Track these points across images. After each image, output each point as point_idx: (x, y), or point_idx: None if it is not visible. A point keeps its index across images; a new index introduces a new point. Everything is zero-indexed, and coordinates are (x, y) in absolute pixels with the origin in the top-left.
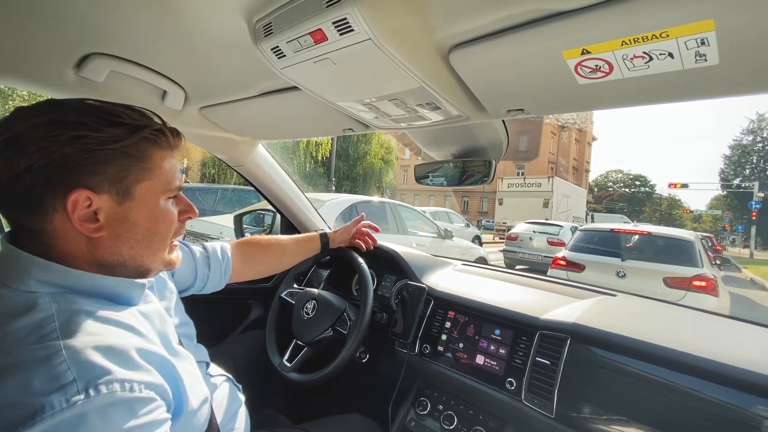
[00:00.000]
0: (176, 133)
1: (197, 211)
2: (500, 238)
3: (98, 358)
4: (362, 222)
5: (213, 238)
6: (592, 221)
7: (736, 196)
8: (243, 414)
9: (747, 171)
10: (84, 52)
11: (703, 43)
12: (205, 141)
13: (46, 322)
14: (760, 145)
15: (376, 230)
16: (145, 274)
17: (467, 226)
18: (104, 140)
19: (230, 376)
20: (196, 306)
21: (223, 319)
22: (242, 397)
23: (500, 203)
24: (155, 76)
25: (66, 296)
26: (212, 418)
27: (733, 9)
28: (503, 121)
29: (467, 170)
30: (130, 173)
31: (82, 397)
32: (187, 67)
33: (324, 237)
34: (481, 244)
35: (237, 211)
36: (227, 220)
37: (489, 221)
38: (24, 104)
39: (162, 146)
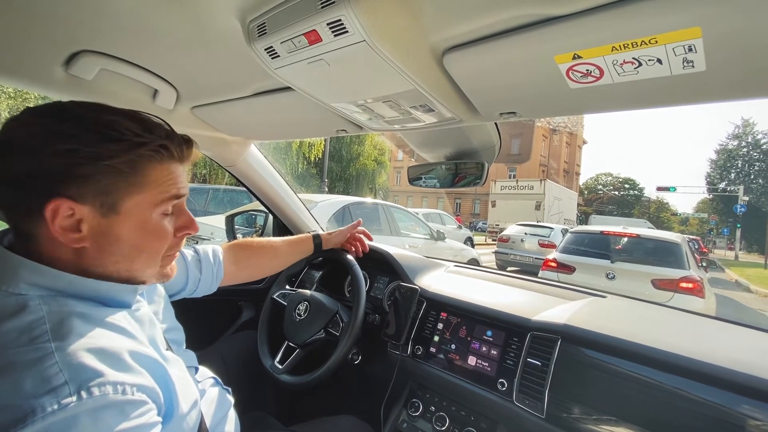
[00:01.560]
0: (187, 144)
1: (198, 226)
2: (493, 240)
3: (90, 360)
4: (358, 228)
5: (204, 239)
6: (582, 224)
7: (721, 200)
8: (232, 417)
9: (732, 175)
10: (73, 50)
11: (690, 49)
12: (197, 141)
13: (36, 324)
14: (745, 150)
15: (369, 238)
16: (136, 283)
17: (459, 227)
18: (96, 156)
19: (219, 378)
20: (186, 308)
21: (213, 321)
22: (231, 400)
23: (493, 205)
24: (146, 74)
25: (57, 299)
26: (201, 422)
27: (720, 17)
28: (496, 123)
29: (460, 172)
30: (119, 188)
31: (74, 399)
32: (180, 66)
33: (317, 238)
34: (473, 245)
35: (228, 211)
36: (218, 221)
37: (483, 223)
38: (10, 101)
39: (162, 161)
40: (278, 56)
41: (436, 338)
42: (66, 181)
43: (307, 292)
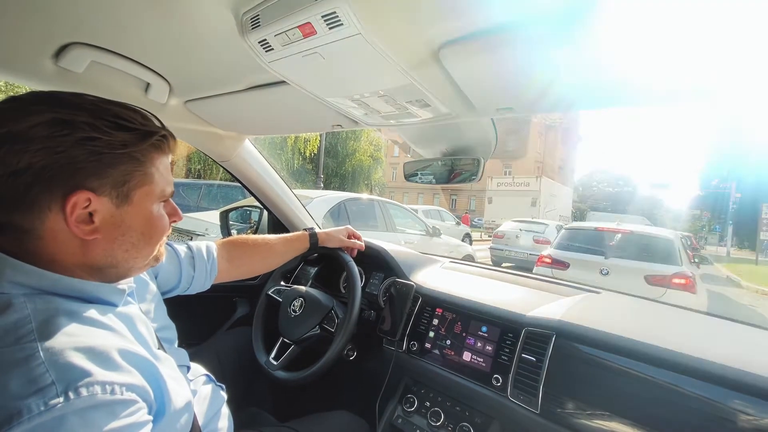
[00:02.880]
0: (174, 137)
1: (182, 215)
2: (489, 236)
3: (78, 360)
4: (351, 232)
5: (198, 235)
6: (577, 220)
7: (714, 197)
8: (226, 413)
9: (725, 172)
10: (63, 42)
11: None
12: (190, 136)
13: (22, 323)
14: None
15: (360, 245)
16: (129, 274)
17: (458, 224)
18: (113, 144)
19: (211, 375)
20: (179, 304)
21: (208, 317)
22: (224, 396)
23: (489, 202)
24: (138, 67)
25: (42, 296)
26: (194, 420)
27: None
28: (492, 119)
29: (456, 168)
30: (133, 178)
31: (61, 400)
32: (172, 58)
33: (313, 236)
34: (471, 242)
35: (221, 207)
36: (213, 217)
37: (479, 219)
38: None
39: (165, 152)
40: (272, 49)
41: (431, 334)
42: (86, 172)
43: (303, 288)
